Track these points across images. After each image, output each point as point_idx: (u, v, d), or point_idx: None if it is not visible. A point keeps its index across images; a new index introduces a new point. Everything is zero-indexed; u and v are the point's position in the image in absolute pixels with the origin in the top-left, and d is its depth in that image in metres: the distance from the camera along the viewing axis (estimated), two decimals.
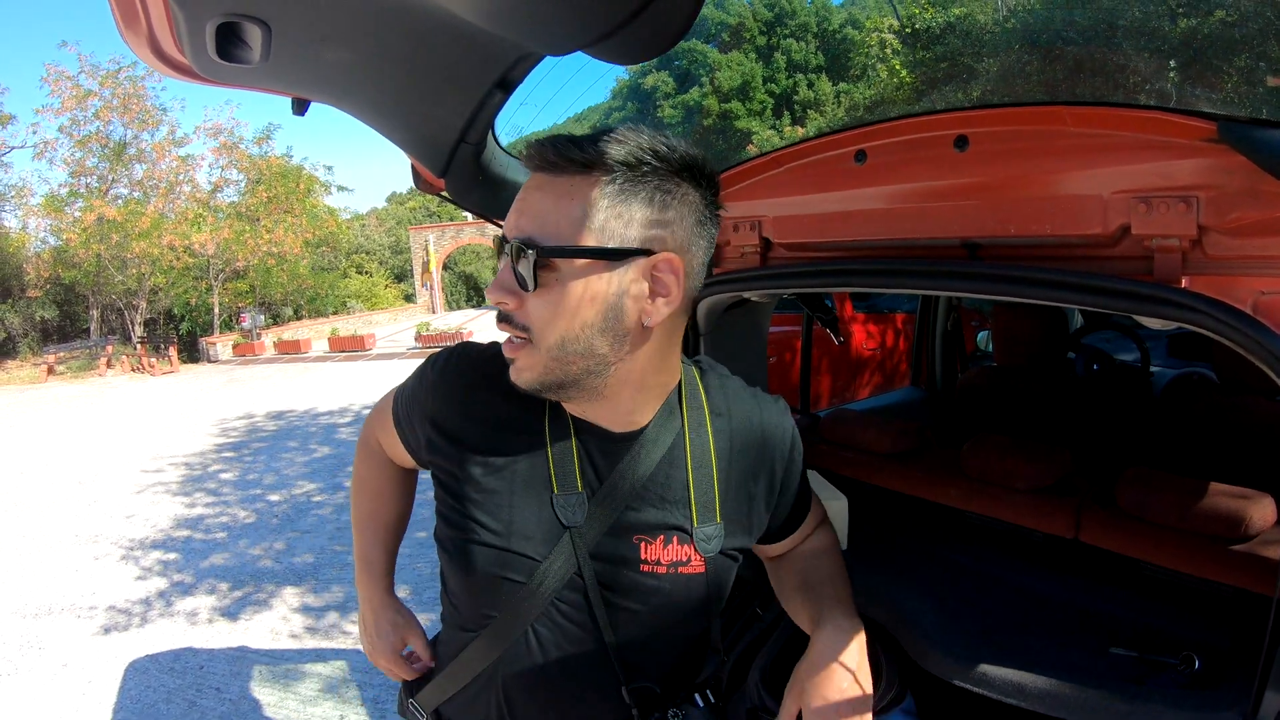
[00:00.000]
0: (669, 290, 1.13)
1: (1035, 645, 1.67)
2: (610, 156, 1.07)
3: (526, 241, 1.09)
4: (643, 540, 1.26)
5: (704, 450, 1.31)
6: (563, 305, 1.10)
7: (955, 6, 26.58)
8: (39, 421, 15.02)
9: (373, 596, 1.64)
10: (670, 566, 1.27)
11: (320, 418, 13.40)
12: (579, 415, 1.27)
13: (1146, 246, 1.47)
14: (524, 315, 1.13)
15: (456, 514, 1.28)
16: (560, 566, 1.24)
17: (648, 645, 1.32)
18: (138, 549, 7.06)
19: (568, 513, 1.24)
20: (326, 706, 4.20)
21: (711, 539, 1.29)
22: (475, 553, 1.26)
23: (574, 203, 1.08)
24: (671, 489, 1.28)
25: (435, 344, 23.37)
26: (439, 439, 1.30)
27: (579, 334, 1.11)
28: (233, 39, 1.20)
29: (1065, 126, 1.54)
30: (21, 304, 28.27)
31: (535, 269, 1.09)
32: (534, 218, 1.11)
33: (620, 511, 1.26)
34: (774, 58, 48.30)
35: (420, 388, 1.36)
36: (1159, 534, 1.90)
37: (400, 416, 1.43)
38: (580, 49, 1.23)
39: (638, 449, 1.26)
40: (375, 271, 44.91)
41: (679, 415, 1.31)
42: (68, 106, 26.82)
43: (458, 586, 1.35)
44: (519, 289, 1.12)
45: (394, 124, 1.79)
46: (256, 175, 29.79)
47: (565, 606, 1.26)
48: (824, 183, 1.94)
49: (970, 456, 2.29)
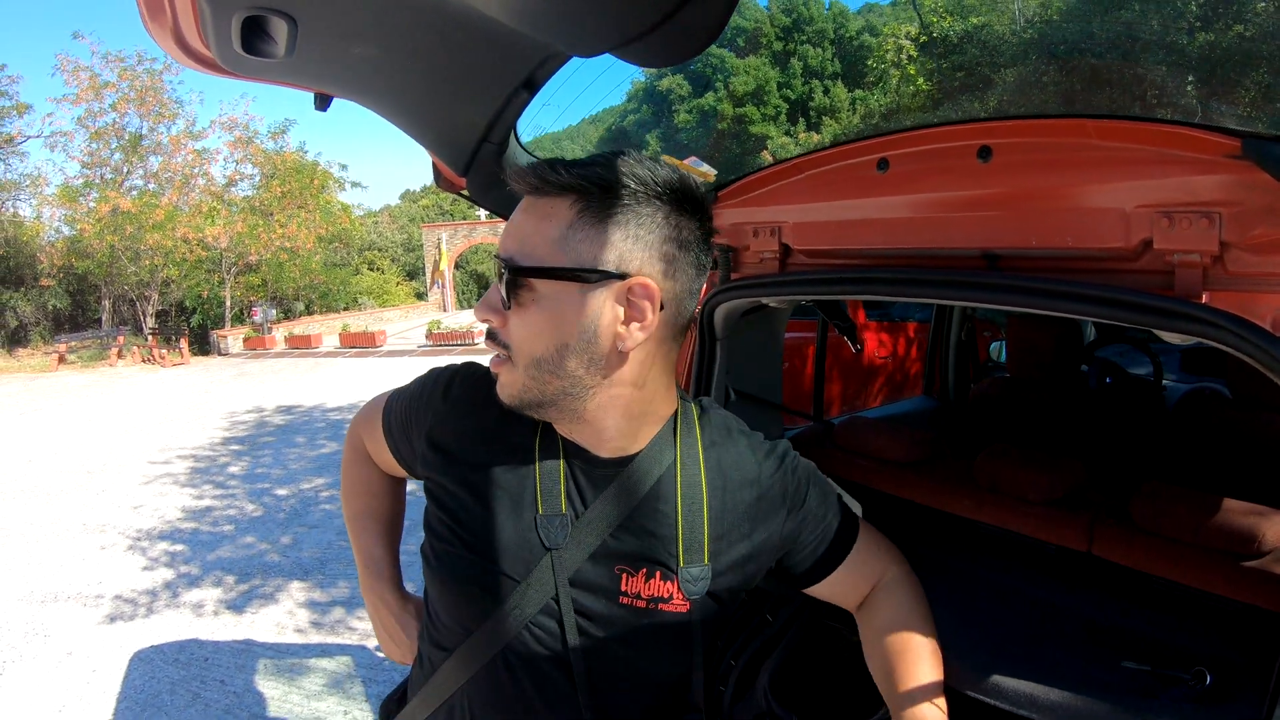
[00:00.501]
0: (644, 315, 1.13)
1: (1047, 657, 1.66)
2: (587, 179, 1.08)
3: (506, 261, 1.11)
4: (624, 571, 1.25)
5: (695, 489, 1.28)
6: (538, 325, 1.12)
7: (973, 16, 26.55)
8: (49, 410, 15.08)
9: (386, 597, 1.61)
10: (650, 601, 1.26)
11: (329, 413, 13.43)
12: (566, 435, 1.26)
13: (1168, 261, 1.46)
14: (506, 333, 1.15)
15: (443, 526, 1.28)
16: (538, 589, 1.23)
17: (618, 683, 1.29)
18: (145, 539, 7.09)
19: (550, 533, 1.23)
20: (331, 702, 4.21)
21: (697, 580, 1.27)
22: (456, 565, 1.26)
23: (550, 224, 1.10)
24: (659, 523, 1.26)
25: (446, 342, 23.41)
26: (433, 454, 1.31)
27: (553, 355, 1.13)
28: (258, 33, 1.21)
29: (1089, 139, 1.53)
30: (34, 292, 28.35)
31: (510, 288, 1.11)
32: (516, 238, 1.13)
33: (603, 538, 1.24)
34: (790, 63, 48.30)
35: (421, 404, 1.37)
36: (1172, 549, 1.89)
37: (392, 428, 1.43)
38: (609, 51, 1.23)
39: (626, 476, 1.25)
40: (387, 269, 44.97)
41: (673, 450, 1.29)
42: (84, 97, 26.91)
43: (437, 600, 1.34)
44: (501, 308, 1.14)
45: (417, 122, 1.79)
46: (271, 170, 29.85)
47: (540, 632, 1.24)
48: (845, 190, 1.94)
49: (984, 467, 2.28)
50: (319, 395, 15.48)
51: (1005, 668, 1.61)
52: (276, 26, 1.20)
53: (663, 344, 1.20)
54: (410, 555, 1.50)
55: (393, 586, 1.62)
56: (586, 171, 1.08)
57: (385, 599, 1.60)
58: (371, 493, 1.61)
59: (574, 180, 1.08)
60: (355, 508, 1.63)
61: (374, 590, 1.61)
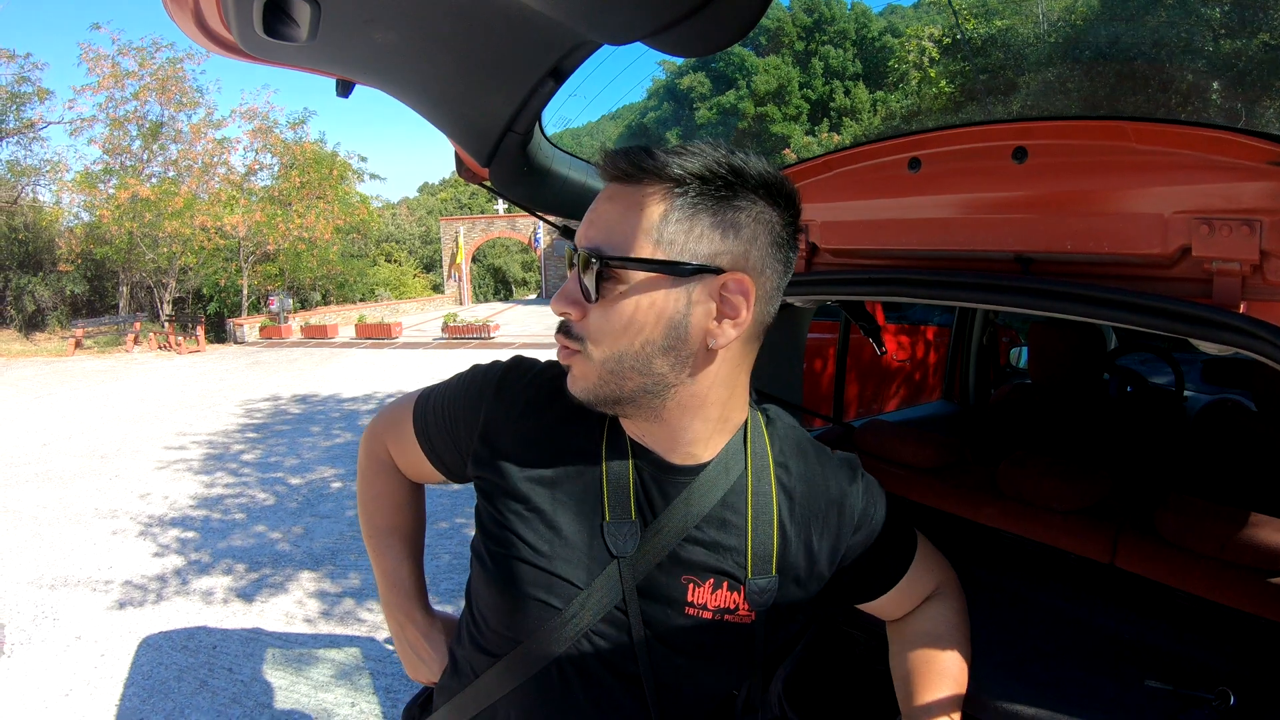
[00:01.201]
0: (738, 312, 1.08)
1: (1067, 675, 1.63)
2: (683, 168, 1.04)
3: (593, 251, 1.06)
4: (691, 581, 1.21)
5: (766, 499, 1.24)
6: (624, 319, 1.07)
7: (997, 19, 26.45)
8: (64, 394, 15.17)
9: (414, 616, 1.54)
10: (717, 613, 1.22)
11: (344, 403, 13.47)
12: (637, 438, 1.21)
13: (1206, 269, 1.43)
14: (583, 326, 1.09)
15: (500, 529, 1.22)
16: (601, 597, 1.18)
17: (679, 695, 1.26)
18: (156, 525, 7.12)
19: (618, 542, 1.18)
20: (339, 693, 4.20)
21: (765, 592, 1.23)
22: (515, 570, 1.20)
23: (643, 214, 1.05)
24: (729, 534, 1.22)
25: (462, 335, 23.46)
26: (487, 452, 1.25)
27: (638, 350, 1.08)
28: (280, 16, 1.18)
29: (1128, 142, 1.50)
30: (52, 277, 28.54)
31: (599, 279, 1.05)
32: (602, 228, 1.08)
33: (671, 547, 1.20)
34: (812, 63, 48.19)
35: (470, 402, 1.30)
36: (1198, 562, 1.86)
37: (429, 431, 1.36)
38: (641, 39, 1.19)
39: (697, 485, 1.21)
40: (404, 261, 45.21)
41: (743, 459, 1.25)
42: (105, 86, 27.05)
43: (489, 604, 1.27)
44: (583, 300, 1.08)
45: (440, 110, 1.76)
46: (290, 160, 29.99)
47: (600, 641, 1.20)
48: (875, 189, 1.91)
49: (1007, 474, 2.25)
50: (334, 385, 15.52)
51: (1024, 686, 1.58)
52: (299, 9, 1.17)
53: (747, 344, 1.16)
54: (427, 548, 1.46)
55: (420, 605, 1.55)
56: (683, 160, 1.04)
57: (413, 618, 1.54)
58: (395, 506, 1.54)
59: (670, 168, 1.04)
60: (378, 524, 1.55)
61: (401, 609, 1.54)
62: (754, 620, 1.24)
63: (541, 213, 2.14)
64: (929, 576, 1.47)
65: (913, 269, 1.88)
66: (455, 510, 7.15)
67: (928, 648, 1.40)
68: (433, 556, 6.02)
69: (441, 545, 6.26)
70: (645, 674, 1.21)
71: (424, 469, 1.41)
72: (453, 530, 6.65)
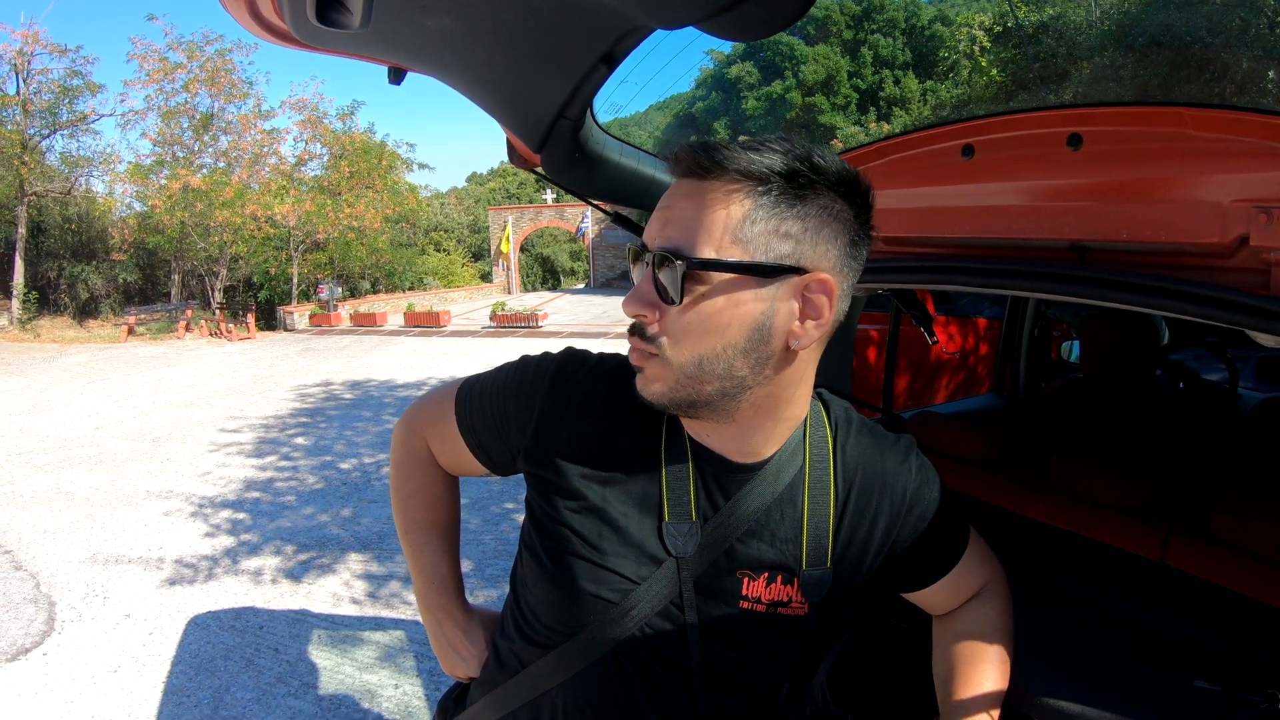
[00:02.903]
0: (820, 313, 1.06)
1: (1115, 674, 1.60)
2: (766, 165, 1.01)
3: (673, 251, 1.03)
4: (746, 575, 1.20)
5: (823, 490, 1.23)
6: (706, 321, 1.04)
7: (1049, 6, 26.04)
8: (117, 379, 15.42)
9: (453, 613, 1.52)
10: (770, 606, 1.21)
11: (395, 390, 13.60)
12: (699, 439, 1.20)
13: (1265, 259, 1.40)
14: (660, 328, 1.06)
15: (556, 525, 1.21)
16: (657, 592, 1.18)
17: (732, 687, 1.25)
18: (207, 507, 7.24)
19: (677, 542, 1.18)
20: (383, 675, 4.25)
21: (819, 583, 1.21)
22: (570, 564, 1.19)
23: (725, 212, 1.02)
24: (785, 527, 1.21)
25: (510, 324, 23.55)
26: (542, 449, 1.23)
27: (720, 353, 1.05)
28: (334, 3, 1.18)
29: (1185, 129, 1.48)
30: (105, 266, 29.09)
31: (683, 281, 1.02)
32: (681, 226, 1.04)
33: (729, 543, 1.19)
34: (860, 52, 47.75)
35: (522, 397, 1.28)
36: (1251, 562, 1.83)
37: (475, 424, 1.34)
38: (694, 23, 1.18)
39: (758, 482, 1.19)
40: (453, 250, 45.43)
41: (802, 452, 1.23)
42: (154, 79, 27.45)
43: (542, 598, 1.26)
44: (661, 301, 1.06)
45: (492, 96, 1.76)
46: (339, 150, 30.24)
47: (654, 633, 1.19)
48: (928, 176, 1.89)
49: (1058, 469, 2.22)
50: (384, 372, 15.66)
51: (1070, 683, 1.56)
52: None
53: (821, 343, 1.14)
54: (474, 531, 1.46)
55: (458, 601, 1.54)
56: (765, 157, 1.02)
57: (452, 614, 1.53)
58: (434, 501, 1.52)
59: (750, 164, 1.01)
60: (416, 518, 1.53)
61: (440, 606, 1.53)
62: (807, 612, 1.23)
63: (593, 199, 2.14)
64: (979, 571, 1.44)
65: (967, 257, 1.86)
66: (505, 495, 7.20)
67: (970, 647, 1.38)
68: (478, 543, 6.07)
69: (488, 530, 6.30)
70: (696, 666, 1.21)
71: (466, 462, 1.40)
72: (502, 515, 6.69)
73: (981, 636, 1.39)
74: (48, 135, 27.54)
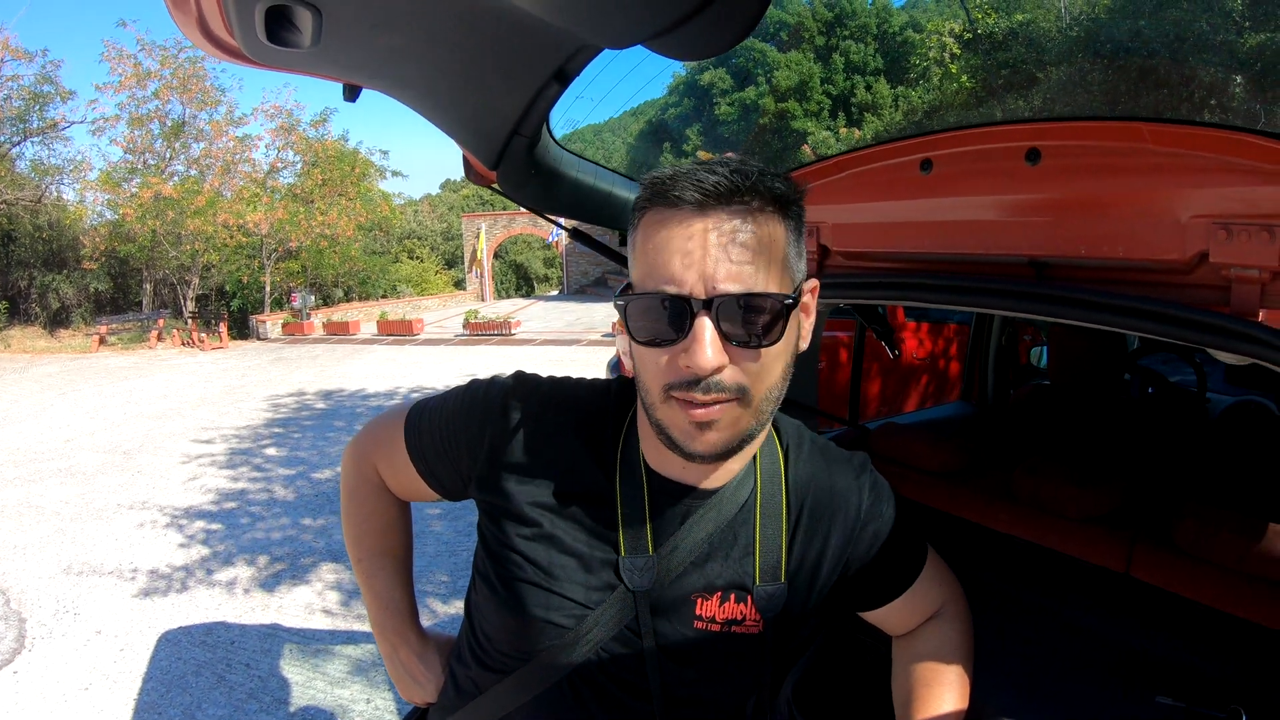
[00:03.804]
0: (812, 312, 1.14)
1: (1078, 690, 1.60)
2: (792, 194, 1.05)
3: (774, 296, 1.00)
4: (699, 596, 1.20)
5: (775, 510, 1.24)
6: (781, 354, 1.05)
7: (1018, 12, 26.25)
8: (88, 390, 15.26)
9: (409, 638, 1.52)
10: (725, 625, 1.21)
11: (369, 399, 13.51)
12: (658, 468, 1.20)
13: (1224, 276, 1.40)
14: (735, 374, 1.02)
15: (511, 553, 1.21)
16: (611, 616, 1.17)
17: (690, 705, 1.25)
18: (179, 520, 7.18)
19: (634, 576, 1.17)
20: (354, 689, 4.22)
21: (773, 598, 1.22)
22: (522, 591, 1.19)
23: (775, 246, 1.02)
24: (737, 546, 1.22)
25: (483, 332, 23.45)
26: (493, 475, 1.23)
27: (780, 378, 1.07)
28: (283, 22, 1.17)
29: (1144, 144, 1.47)
30: (76, 275, 28.77)
31: (785, 321, 1.02)
32: (752, 263, 1.00)
33: (684, 566, 1.19)
34: (833, 58, 47.95)
35: (473, 422, 1.26)
36: (1215, 574, 1.83)
37: (424, 450, 1.32)
38: (641, 43, 1.18)
39: (712, 506, 1.20)
40: (426, 257, 45.21)
41: (754, 470, 1.24)
42: (126, 85, 27.24)
43: (495, 623, 1.26)
44: (745, 345, 1.01)
45: (446, 114, 1.75)
46: (312, 158, 30.08)
47: (610, 659, 1.19)
48: (887, 191, 1.89)
49: (1022, 480, 2.23)
50: (357, 382, 15.55)
51: (1032, 700, 1.55)
52: (301, 16, 1.16)
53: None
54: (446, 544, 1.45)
55: (414, 626, 1.53)
56: (779, 184, 1.02)
57: (408, 640, 1.51)
58: (386, 528, 1.50)
59: (787, 193, 1.03)
60: (368, 546, 1.51)
61: (395, 632, 1.52)
62: (762, 630, 1.23)
63: (550, 215, 2.13)
64: (936, 591, 1.44)
65: (925, 273, 1.86)
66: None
67: (929, 669, 1.38)
68: (451, 554, 6.04)
69: (461, 543, 6.28)
70: (655, 689, 1.21)
71: (417, 488, 1.38)
72: (468, 530, 6.65)
73: (940, 657, 1.38)
74: (18, 142, 27.27)
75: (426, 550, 6.11)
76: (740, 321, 0.99)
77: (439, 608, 5.19)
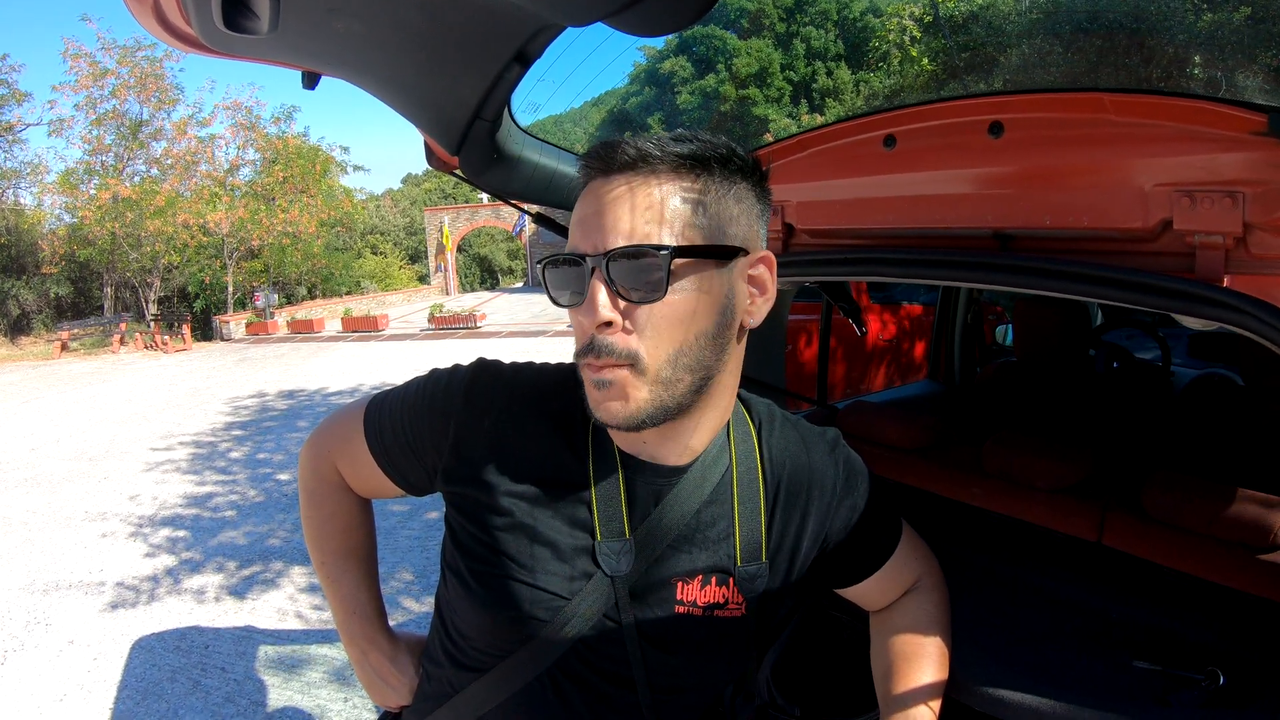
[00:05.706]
0: (766, 288, 1.11)
1: (1055, 658, 1.60)
2: (706, 153, 1.03)
3: (651, 246, 0.99)
4: (680, 580, 1.18)
5: (752, 488, 1.22)
6: (682, 312, 1.02)
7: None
8: (51, 398, 15.04)
9: (378, 641, 1.46)
10: (706, 610, 1.19)
11: (332, 397, 13.41)
12: (628, 448, 1.18)
13: (1188, 243, 1.42)
14: (626, 339, 1.02)
15: (481, 546, 1.17)
16: (590, 605, 1.15)
17: (676, 694, 1.24)
18: (147, 526, 7.09)
19: (611, 561, 1.15)
20: (331, 690, 4.20)
21: (755, 579, 1.21)
22: (497, 585, 1.15)
23: (676, 202, 1.01)
24: (716, 527, 1.20)
25: (448, 325, 23.39)
26: (461, 467, 1.19)
27: (693, 343, 1.04)
28: (240, 8, 1.15)
29: (1106, 114, 1.48)
30: (36, 280, 28.38)
31: (668, 273, 0.99)
32: (636, 222, 1.01)
33: (661, 550, 1.17)
34: (793, 45, 48.02)
35: (436, 412, 1.22)
36: (1185, 540, 1.84)
37: (386, 444, 1.28)
38: (602, 19, 1.16)
39: (686, 484, 1.18)
40: (390, 252, 45.08)
41: (728, 453, 1.23)
42: (84, 84, 26.85)
43: (469, 620, 1.22)
44: (630, 302, 1.01)
45: (406, 98, 1.73)
46: (273, 155, 29.80)
47: (591, 650, 1.17)
48: (851, 168, 1.89)
49: (992, 454, 2.24)
50: (321, 380, 15.44)
51: (1010, 669, 1.56)
52: (258, 1, 1.14)
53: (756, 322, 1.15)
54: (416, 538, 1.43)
55: (382, 629, 1.48)
56: (699, 146, 1.03)
57: (377, 643, 1.46)
58: (348, 528, 1.45)
59: (693, 154, 1.03)
60: (332, 547, 1.45)
61: (364, 636, 1.46)
62: (745, 612, 1.22)
63: (514, 201, 2.11)
64: (913, 565, 1.45)
65: (890, 248, 1.86)
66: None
67: (907, 642, 1.38)
68: (423, 549, 6.02)
69: (432, 536, 6.26)
70: (639, 676, 1.19)
71: (379, 485, 1.33)
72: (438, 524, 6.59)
73: (918, 630, 1.38)
74: None
75: (398, 546, 6.08)
76: (630, 274, 1.00)
77: (412, 606, 5.17)
